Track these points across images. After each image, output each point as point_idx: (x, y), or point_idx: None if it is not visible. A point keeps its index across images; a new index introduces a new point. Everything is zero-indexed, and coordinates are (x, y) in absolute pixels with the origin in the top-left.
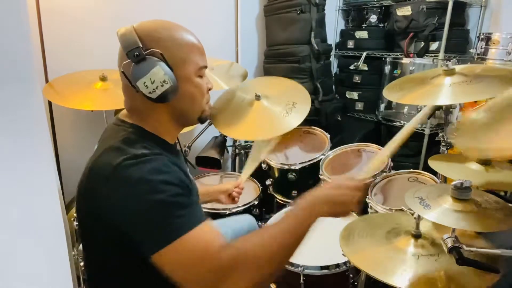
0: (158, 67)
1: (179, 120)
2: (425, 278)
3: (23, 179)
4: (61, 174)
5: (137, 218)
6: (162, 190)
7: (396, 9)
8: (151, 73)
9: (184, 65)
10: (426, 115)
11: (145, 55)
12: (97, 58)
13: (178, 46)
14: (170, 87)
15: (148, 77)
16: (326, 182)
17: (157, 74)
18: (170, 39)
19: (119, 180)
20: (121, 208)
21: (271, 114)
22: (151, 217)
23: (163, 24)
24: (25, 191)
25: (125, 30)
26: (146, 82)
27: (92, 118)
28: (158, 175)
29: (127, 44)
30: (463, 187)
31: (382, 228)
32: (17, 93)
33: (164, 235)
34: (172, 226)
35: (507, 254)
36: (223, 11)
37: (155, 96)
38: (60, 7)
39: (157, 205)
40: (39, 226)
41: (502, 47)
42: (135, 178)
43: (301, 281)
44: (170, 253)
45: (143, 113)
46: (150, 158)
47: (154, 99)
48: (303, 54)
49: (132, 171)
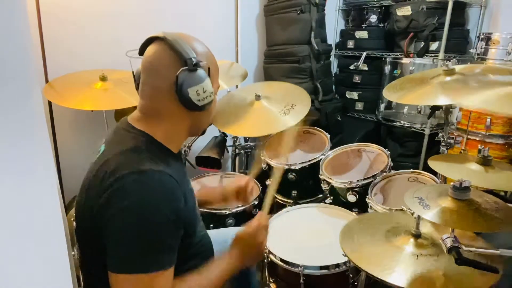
0: (208, 80)
1: (193, 130)
2: (425, 277)
3: (23, 179)
4: (61, 174)
5: (116, 234)
6: (150, 224)
7: (396, 9)
8: (205, 83)
9: (215, 81)
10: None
11: (201, 66)
12: (97, 58)
13: (214, 64)
14: (213, 100)
15: (202, 86)
16: (238, 237)
17: (208, 85)
18: (211, 57)
19: (118, 192)
20: (108, 218)
21: (269, 113)
22: (126, 241)
23: (198, 40)
24: (25, 191)
25: (176, 37)
26: (198, 91)
27: (92, 118)
28: (153, 204)
29: (183, 51)
30: (462, 187)
31: (382, 227)
32: (17, 93)
33: (127, 263)
34: (140, 260)
35: (506, 254)
36: (223, 11)
37: (201, 104)
38: (60, 7)
39: (137, 236)
40: (38, 226)
41: (502, 47)
42: (130, 199)
43: (301, 281)
44: (123, 281)
45: (163, 119)
46: (153, 177)
47: (201, 108)
48: (303, 54)
49: (133, 189)
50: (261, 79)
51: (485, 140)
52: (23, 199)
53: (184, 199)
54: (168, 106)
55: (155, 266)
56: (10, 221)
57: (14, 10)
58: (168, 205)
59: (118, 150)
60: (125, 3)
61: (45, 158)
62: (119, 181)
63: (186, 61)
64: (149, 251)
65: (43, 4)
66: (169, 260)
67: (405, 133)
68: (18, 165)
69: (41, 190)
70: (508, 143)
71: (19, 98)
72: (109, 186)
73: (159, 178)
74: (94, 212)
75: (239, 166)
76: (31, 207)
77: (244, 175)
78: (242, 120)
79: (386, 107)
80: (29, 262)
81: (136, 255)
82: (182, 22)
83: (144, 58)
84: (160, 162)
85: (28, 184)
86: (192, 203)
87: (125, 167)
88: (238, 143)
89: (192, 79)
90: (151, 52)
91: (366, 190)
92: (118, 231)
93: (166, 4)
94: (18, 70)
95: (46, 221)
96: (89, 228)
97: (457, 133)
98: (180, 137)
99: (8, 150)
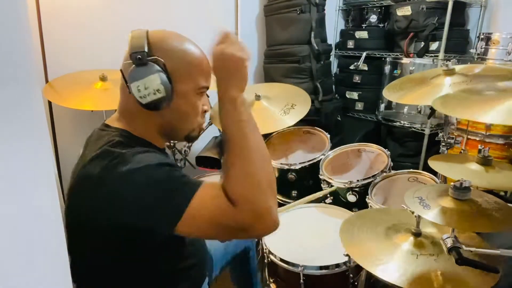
0: (156, 75)
1: (166, 132)
2: (424, 277)
3: (23, 179)
4: (61, 174)
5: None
6: (155, 171)
7: (396, 9)
8: (147, 79)
9: (184, 81)
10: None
11: (147, 60)
12: (97, 58)
13: (183, 61)
14: (163, 97)
15: (143, 82)
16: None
17: (152, 82)
18: (178, 52)
19: (111, 180)
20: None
21: (269, 113)
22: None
23: (177, 37)
24: (24, 191)
25: (137, 32)
26: (139, 86)
27: (92, 118)
28: (146, 162)
29: (134, 46)
30: (462, 187)
31: (383, 224)
32: (17, 93)
33: (174, 209)
34: (179, 197)
35: (506, 254)
36: (223, 11)
37: (144, 101)
38: (60, 7)
39: (157, 185)
40: (38, 226)
41: (502, 47)
42: (126, 172)
43: (301, 281)
44: (187, 221)
45: (132, 116)
46: (135, 153)
47: (143, 105)
48: (303, 54)
49: (121, 167)
50: (261, 79)
51: (485, 140)
52: (23, 199)
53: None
54: (131, 102)
55: (191, 189)
56: (9, 221)
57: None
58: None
59: (96, 148)
60: (125, 3)
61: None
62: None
63: (131, 55)
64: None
65: (43, 4)
66: (195, 182)
67: (405, 133)
68: (18, 165)
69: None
70: (508, 143)
71: (19, 98)
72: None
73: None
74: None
75: None
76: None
77: None
78: None
79: (386, 107)
80: (28, 262)
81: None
82: (182, 22)
83: None
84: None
85: (28, 184)
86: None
87: (105, 159)
88: None
89: (134, 74)
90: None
91: (366, 190)
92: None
93: (166, 4)
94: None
95: (46, 221)
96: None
97: (457, 133)
98: (155, 137)
99: (8, 150)
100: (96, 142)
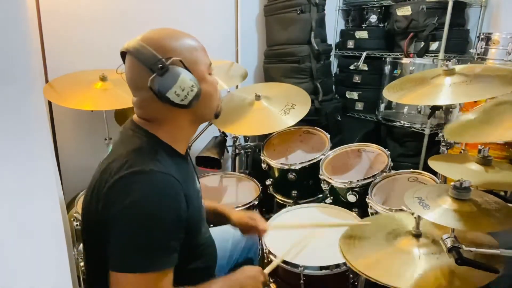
0: (184, 74)
1: (199, 120)
2: (429, 276)
3: (23, 179)
4: (61, 174)
5: (117, 232)
6: (150, 223)
7: (396, 9)
8: (180, 81)
9: (198, 66)
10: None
11: (168, 65)
12: (97, 58)
13: (187, 50)
14: (199, 90)
15: (178, 85)
16: (244, 269)
17: (185, 81)
18: (179, 45)
19: (119, 192)
20: (110, 217)
21: (269, 113)
22: (126, 239)
23: (166, 32)
24: (25, 191)
25: (137, 46)
26: (177, 91)
27: (92, 118)
28: (155, 203)
29: (146, 59)
30: (462, 187)
31: (382, 230)
32: (17, 93)
33: (126, 262)
34: (139, 259)
35: (506, 254)
36: (223, 11)
37: (187, 102)
38: (60, 7)
39: (137, 234)
40: (39, 226)
41: (502, 47)
42: (133, 197)
43: (301, 281)
44: (123, 280)
45: (163, 122)
46: (156, 178)
47: (187, 105)
48: (303, 54)
49: (134, 188)
50: (261, 79)
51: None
52: (24, 198)
53: (187, 200)
54: (160, 111)
55: (155, 266)
56: (10, 221)
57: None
58: (169, 205)
59: (123, 150)
60: (126, 3)
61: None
62: (121, 180)
63: (151, 67)
64: (148, 251)
65: (43, 4)
66: (169, 261)
67: (405, 133)
68: (19, 165)
69: (41, 190)
70: (508, 143)
71: (20, 98)
72: (112, 185)
73: (161, 178)
74: (99, 211)
75: (239, 166)
76: (32, 207)
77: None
78: (242, 120)
79: (386, 107)
80: (29, 262)
81: (136, 254)
82: (182, 22)
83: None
84: (164, 163)
85: (28, 183)
86: (197, 204)
87: (128, 167)
88: (238, 143)
89: (165, 83)
90: (126, 68)
91: (366, 190)
92: (119, 229)
93: (166, 4)
94: (19, 70)
95: (46, 221)
96: (94, 226)
97: None
98: (187, 133)
99: (8, 149)
100: (124, 142)
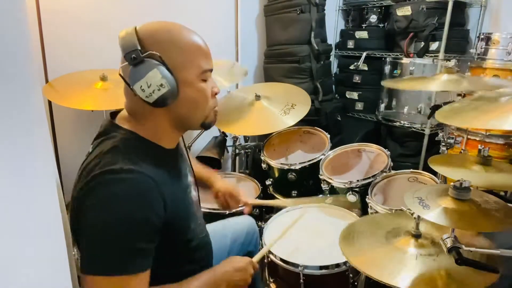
0: (155, 70)
1: (179, 125)
2: (426, 277)
3: (23, 179)
4: (61, 174)
5: (84, 234)
6: (115, 224)
7: (396, 9)
8: (147, 77)
9: (186, 68)
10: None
11: (142, 57)
12: (97, 58)
13: (179, 49)
14: (168, 91)
15: (144, 80)
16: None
17: (153, 78)
18: (171, 41)
19: (88, 192)
20: (80, 218)
21: (269, 113)
22: (91, 241)
23: (167, 26)
24: (24, 191)
25: (125, 32)
26: (142, 86)
27: (92, 118)
28: (122, 202)
29: (126, 47)
30: (462, 187)
31: (382, 228)
32: (17, 93)
33: (92, 264)
34: (104, 261)
35: (506, 254)
36: (223, 11)
37: (151, 100)
38: (60, 7)
39: (102, 236)
40: (38, 226)
41: (502, 47)
42: (100, 197)
43: (301, 281)
44: (90, 283)
45: (141, 116)
46: (126, 177)
47: (151, 104)
48: (303, 54)
49: (101, 189)
50: (261, 79)
51: (485, 140)
52: (23, 199)
53: (165, 199)
54: (138, 103)
55: (123, 269)
56: (9, 221)
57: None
58: (138, 205)
59: (99, 151)
60: (126, 3)
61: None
62: (90, 181)
63: (125, 56)
64: (115, 253)
65: (43, 4)
66: (141, 264)
67: (405, 133)
68: (18, 165)
69: (41, 190)
70: (508, 143)
71: (20, 98)
72: (84, 186)
73: (132, 177)
74: (75, 213)
75: (239, 166)
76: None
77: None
78: (242, 120)
79: (386, 107)
80: (28, 262)
81: (102, 256)
82: (181, 23)
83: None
84: (138, 161)
85: (28, 184)
86: (184, 201)
87: (100, 167)
88: (238, 143)
89: (133, 75)
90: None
91: (366, 190)
92: (87, 231)
93: (166, 4)
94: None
95: (46, 221)
96: (73, 228)
97: (457, 133)
98: (168, 133)
99: (8, 150)
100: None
